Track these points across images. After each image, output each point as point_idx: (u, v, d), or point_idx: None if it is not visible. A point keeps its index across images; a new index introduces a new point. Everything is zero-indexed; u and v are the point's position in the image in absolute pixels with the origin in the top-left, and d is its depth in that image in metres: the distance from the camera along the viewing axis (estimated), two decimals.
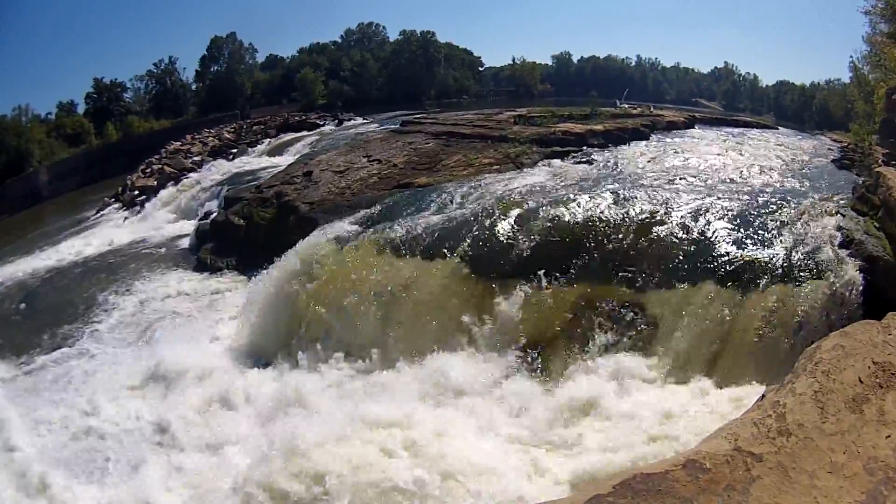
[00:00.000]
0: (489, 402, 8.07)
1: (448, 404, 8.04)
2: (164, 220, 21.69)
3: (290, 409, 8.21)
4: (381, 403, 7.83)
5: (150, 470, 7.50)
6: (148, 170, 28.66)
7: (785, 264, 8.55)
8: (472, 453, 6.70)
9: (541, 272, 9.47)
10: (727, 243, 9.33)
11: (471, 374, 8.53)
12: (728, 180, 13.49)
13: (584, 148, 17.31)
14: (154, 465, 7.60)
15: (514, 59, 76.08)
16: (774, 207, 10.47)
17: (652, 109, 30.77)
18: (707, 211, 10.42)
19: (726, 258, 8.98)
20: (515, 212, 10.95)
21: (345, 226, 11.85)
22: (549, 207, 10.92)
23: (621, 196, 11.24)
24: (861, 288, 7.82)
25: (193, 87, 58.48)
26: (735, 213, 10.31)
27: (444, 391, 8.24)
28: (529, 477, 6.46)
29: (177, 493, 7.03)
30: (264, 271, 11.72)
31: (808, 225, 9.55)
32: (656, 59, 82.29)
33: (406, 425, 7.16)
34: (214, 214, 17.88)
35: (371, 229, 11.33)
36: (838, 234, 9.03)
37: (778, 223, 9.78)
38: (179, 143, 34.25)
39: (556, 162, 15.76)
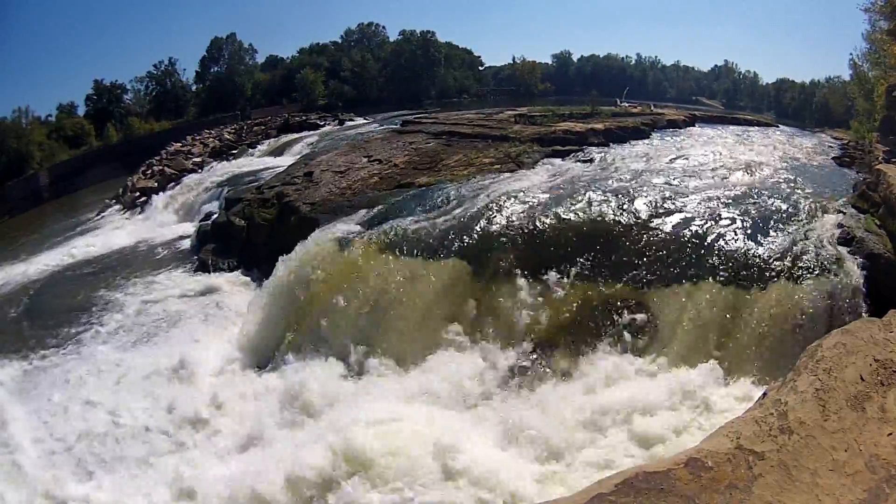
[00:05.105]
0: (490, 402, 8.10)
1: (449, 404, 8.08)
2: (164, 221, 21.67)
3: (290, 410, 8.26)
4: (383, 404, 7.86)
5: (152, 470, 7.53)
6: (148, 171, 28.64)
7: (786, 262, 8.56)
8: (475, 453, 6.72)
9: (542, 271, 9.49)
10: (728, 241, 9.34)
11: (472, 375, 8.56)
12: (729, 178, 13.47)
13: (585, 147, 17.28)
14: (155, 466, 7.63)
15: (514, 59, 76.15)
16: (775, 205, 10.47)
17: (652, 108, 30.74)
18: (708, 209, 10.42)
19: (727, 256, 8.99)
20: (516, 211, 10.95)
21: (346, 226, 11.85)
22: (549, 207, 10.93)
23: (622, 195, 11.24)
24: (862, 285, 7.83)
25: (193, 88, 58.50)
26: (736, 211, 10.31)
27: (445, 391, 8.28)
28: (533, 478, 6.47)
29: (178, 493, 7.04)
30: (267, 273, 11.71)
31: (809, 223, 9.56)
32: (656, 57, 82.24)
33: (407, 426, 7.19)
34: (215, 215, 17.86)
35: (372, 229, 11.34)
36: (839, 231, 9.04)
37: (779, 221, 9.79)
38: (180, 145, 34.21)
39: (557, 161, 15.75)
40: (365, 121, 36.73)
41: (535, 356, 8.70)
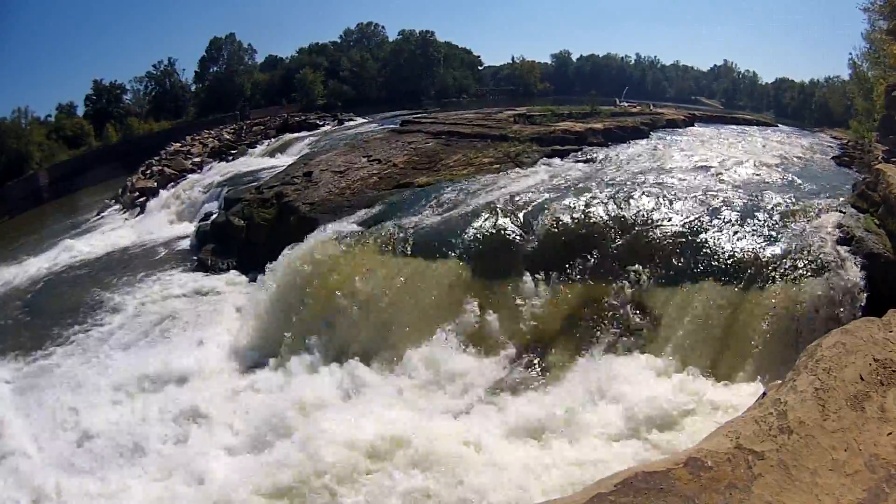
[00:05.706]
0: (490, 401, 8.10)
1: (448, 404, 8.08)
2: (164, 221, 21.64)
3: (289, 411, 8.26)
4: (381, 404, 7.86)
5: (149, 468, 7.53)
6: (148, 171, 28.64)
7: (785, 262, 8.55)
8: (474, 450, 6.72)
9: (542, 271, 9.48)
10: (728, 241, 9.33)
11: (472, 374, 8.55)
12: (728, 178, 13.47)
13: (584, 146, 17.26)
14: (151, 464, 7.62)
15: (513, 58, 76.52)
16: (774, 205, 10.46)
17: (652, 107, 30.78)
18: (707, 209, 10.41)
19: (727, 256, 8.98)
20: (515, 211, 10.94)
21: (345, 226, 11.84)
22: (549, 206, 10.91)
23: (621, 194, 11.24)
24: (861, 285, 7.83)
25: (193, 88, 58.62)
26: (735, 210, 10.30)
27: (444, 391, 8.28)
28: (531, 474, 6.47)
29: (177, 494, 7.03)
30: (265, 272, 11.70)
31: (809, 222, 9.54)
32: (656, 57, 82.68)
33: (407, 426, 7.19)
34: (215, 215, 17.84)
35: (371, 229, 11.32)
36: (838, 231, 9.02)
37: (778, 221, 9.78)
38: (179, 145, 34.24)
39: (556, 161, 15.73)
40: (364, 121, 36.72)
41: (534, 356, 8.69)
